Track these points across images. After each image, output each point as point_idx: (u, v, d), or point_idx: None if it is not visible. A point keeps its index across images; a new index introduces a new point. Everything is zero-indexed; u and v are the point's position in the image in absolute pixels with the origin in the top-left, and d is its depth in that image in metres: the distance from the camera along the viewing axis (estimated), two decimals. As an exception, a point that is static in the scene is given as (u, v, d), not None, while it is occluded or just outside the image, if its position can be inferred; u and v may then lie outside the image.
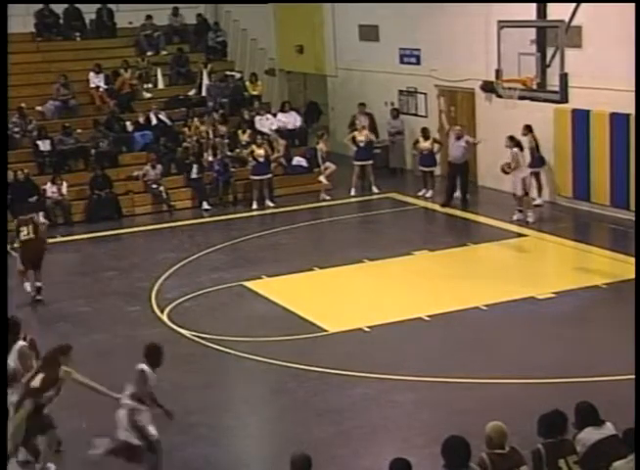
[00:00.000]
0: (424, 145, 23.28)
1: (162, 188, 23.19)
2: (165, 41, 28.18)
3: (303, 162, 24.86)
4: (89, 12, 28.04)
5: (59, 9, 27.60)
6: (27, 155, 23.58)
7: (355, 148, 24.28)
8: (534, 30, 18.04)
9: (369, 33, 27.15)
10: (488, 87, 21.25)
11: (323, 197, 23.65)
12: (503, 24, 17.97)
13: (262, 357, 13.78)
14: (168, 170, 24.06)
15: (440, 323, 14.90)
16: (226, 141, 24.39)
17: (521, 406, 11.10)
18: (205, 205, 23.27)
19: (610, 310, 15.23)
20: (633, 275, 15.91)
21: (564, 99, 17.38)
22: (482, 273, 17.55)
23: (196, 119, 24.87)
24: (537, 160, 21.34)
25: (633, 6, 18.01)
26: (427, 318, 15.07)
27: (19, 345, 10.75)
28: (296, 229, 21.20)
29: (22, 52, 25.99)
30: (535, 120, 20.98)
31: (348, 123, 25.98)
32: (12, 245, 17.53)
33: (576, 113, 20.52)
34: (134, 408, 10.05)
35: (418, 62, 25.47)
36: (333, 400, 12.38)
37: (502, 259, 18.68)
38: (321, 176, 24.01)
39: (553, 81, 17.58)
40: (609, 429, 8.39)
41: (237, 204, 23.60)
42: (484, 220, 20.95)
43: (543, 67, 17.60)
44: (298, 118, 26.54)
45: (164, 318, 15.77)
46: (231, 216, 22.64)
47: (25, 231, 16.63)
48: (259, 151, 23.39)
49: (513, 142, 20.28)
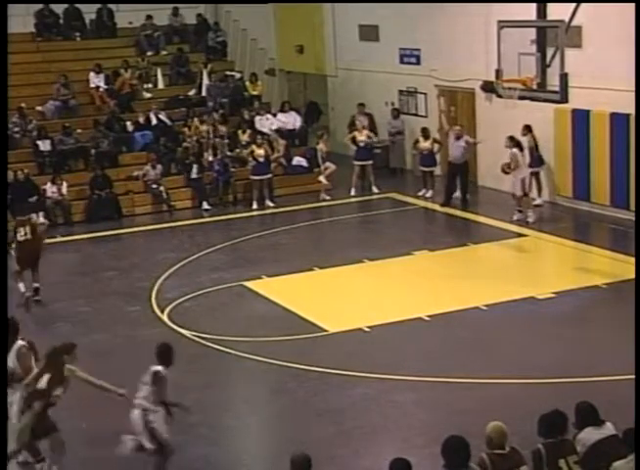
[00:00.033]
0: (424, 145, 23.28)
1: (162, 188, 23.19)
2: (165, 41, 28.18)
3: (303, 162, 24.86)
4: (89, 12, 28.04)
5: (59, 9, 27.60)
6: (27, 155, 23.58)
7: (355, 148, 24.29)
8: (534, 30, 18.02)
9: (369, 33, 27.15)
10: (488, 87, 21.27)
11: (323, 197, 23.64)
12: (503, 24, 17.97)
13: (262, 357, 13.78)
14: (168, 170, 24.06)
15: (440, 323, 14.90)
16: (226, 141, 24.38)
17: (521, 406, 11.10)
18: (205, 205, 23.27)
19: (610, 310, 15.23)
20: (633, 275, 15.90)
21: (564, 99, 17.38)
22: (482, 273, 17.55)
23: (196, 119, 24.85)
24: (536, 159, 21.33)
25: (633, 6, 18.02)
26: (427, 318, 15.07)
27: (17, 345, 10.74)
28: (296, 229, 21.19)
29: (22, 52, 25.98)
30: (535, 120, 20.98)
31: (348, 124, 26.00)
32: (11, 245, 17.52)
33: (576, 113, 20.52)
34: (148, 409, 10.07)
35: (418, 62, 25.47)
36: (333, 400, 12.38)
37: (502, 259, 18.67)
38: (321, 176, 24.00)
39: (553, 81, 17.58)
40: (609, 429, 8.39)
41: (237, 204, 23.60)
42: (484, 220, 20.95)
43: (543, 67, 17.59)
44: (298, 118, 26.53)
45: (164, 318, 15.77)
46: (231, 216, 22.63)
47: (23, 232, 16.63)
48: (259, 151, 23.39)
49: (513, 142, 20.27)
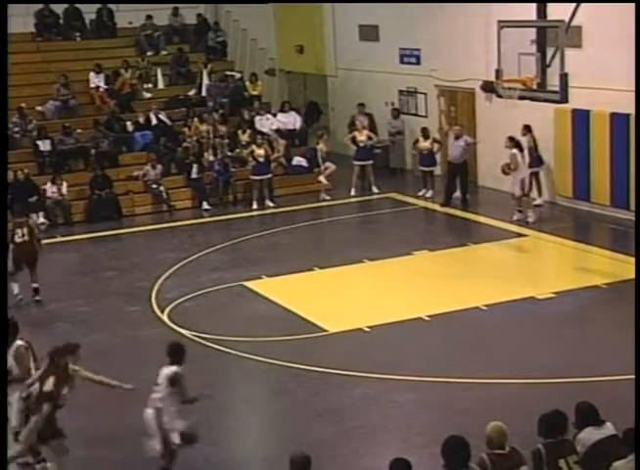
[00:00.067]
0: (423, 145, 23.27)
1: (162, 188, 23.18)
2: (165, 41, 28.18)
3: (303, 162, 24.85)
4: (89, 12, 28.05)
5: (59, 9, 27.60)
6: (27, 155, 23.58)
7: (355, 148, 24.29)
8: (534, 30, 18.02)
9: (369, 33, 27.15)
10: (488, 87, 21.27)
11: (323, 197, 23.64)
12: (503, 24, 17.97)
13: (262, 357, 13.78)
14: (168, 170, 24.06)
15: (440, 323, 14.89)
16: (226, 141, 24.38)
17: (521, 406, 11.10)
18: (205, 205, 23.26)
19: (610, 310, 15.22)
20: (633, 275, 15.90)
21: (564, 99, 17.38)
22: (482, 273, 17.55)
23: (196, 119, 24.85)
24: (536, 159, 21.32)
25: (633, 6, 18.01)
26: (427, 318, 15.07)
27: (16, 345, 10.75)
28: (296, 229, 21.19)
29: (22, 52, 25.98)
30: (535, 120, 20.98)
31: (348, 124, 25.99)
32: (9, 246, 17.48)
33: (576, 113, 20.51)
34: (161, 409, 10.09)
35: (418, 62, 25.46)
36: (333, 400, 12.38)
37: (502, 259, 18.67)
38: (321, 176, 24.00)
39: (553, 81, 17.58)
40: (609, 429, 8.39)
41: (237, 204, 23.59)
42: (484, 220, 20.95)
43: (543, 67, 17.59)
44: (298, 118, 26.52)
45: (164, 318, 15.77)
46: (231, 216, 22.62)
47: (20, 233, 16.59)
48: (259, 151, 23.39)
49: (513, 143, 20.26)
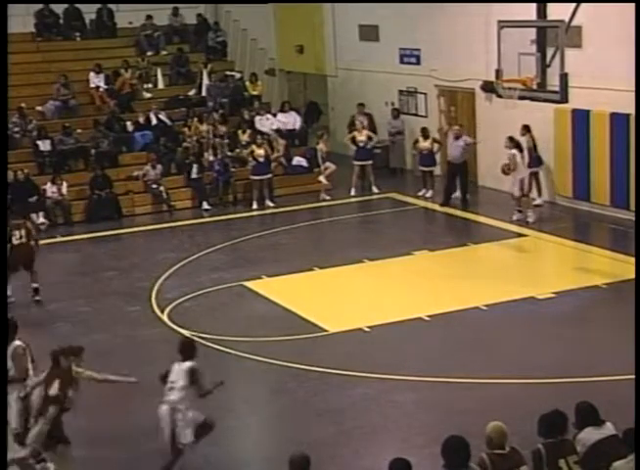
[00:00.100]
0: (423, 145, 23.27)
1: (162, 188, 23.18)
2: (165, 41, 28.18)
3: (303, 162, 24.85)
4: (89, 12, 28.05)
5: (59, 9, 27.60)
6: (27, 155, 23.57)
7: (355, 148, 24.29)
8: (534, 30, 18.02)
9: (369, 33, 27.14)
10: (488, 87, 21.27)
11: (323, 197, 23.64)
12: (503, 24, 17.97)
13: (262, 357, 13.78)
14: (168, 170, 24.06)
15: (440, 323, 14.90)
16: (226, 141, 24.37)
17: (521, 406, 11.10)
18: (205, 205, 23.26)
19: (610, 310, 15.23)
20: (633, 275, 15.90)
21: (564, 99, 17.38)
22: (482, 273, 17.55)
23: (196, 119, 24.85)
24: (535, 159, 21.32)
25: (633, 6, 18.01)
26: (427, 318, 15.07)
27: (14, 345, 10.76)
28: (296, 229, 21.19)
29: (22, 52, 25.98)
30: (535, 120, 20.98)
31: (348, 124, 25.98)
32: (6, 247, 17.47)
33: (576, 113, 20.51)
34: (176, 407, 10.15)
35: (418, 62, 25.46)
36: (333, 400, 12.38)
37: (502, 259, 18.67)
38: (321, 176, 24.00)
39: (553, 81, 17.57)
40: (609, 429, 8.39)
41: (237, 204, 23.59)
42: (484, 220, 20.95)
43: (543, 67, 17.59)
44: (298, 118, 26.51)
45: (164, 318, 15.77)
46: (231, 216, 22.62)
47: (18, 235, 16.54)
48: (259, 151, 23.38)
49: (512, 143, 20.26)
